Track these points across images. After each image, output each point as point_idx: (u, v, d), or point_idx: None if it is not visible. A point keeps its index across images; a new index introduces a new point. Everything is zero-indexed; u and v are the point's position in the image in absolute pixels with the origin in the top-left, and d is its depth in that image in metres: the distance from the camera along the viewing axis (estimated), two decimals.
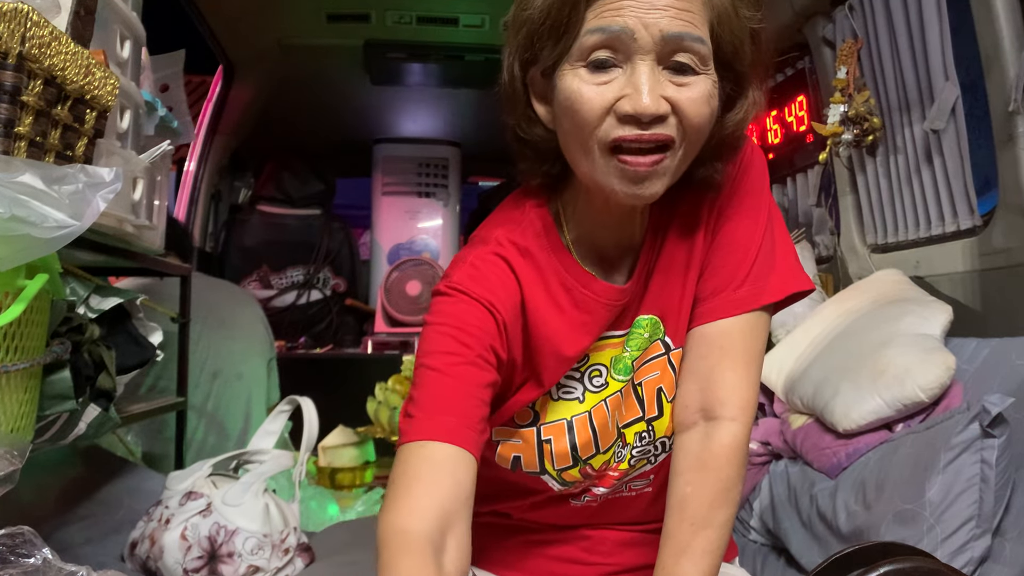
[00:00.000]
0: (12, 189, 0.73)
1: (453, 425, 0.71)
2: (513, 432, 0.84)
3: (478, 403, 0.73)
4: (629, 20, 0.68)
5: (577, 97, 0.71)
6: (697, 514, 0.75)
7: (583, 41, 0.70)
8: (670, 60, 0.69)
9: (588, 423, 0.83)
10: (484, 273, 0.78)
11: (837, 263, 2.08)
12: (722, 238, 0.83)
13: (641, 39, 0.68)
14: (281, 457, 1.48)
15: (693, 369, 0.83)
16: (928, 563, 0.79)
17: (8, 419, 0.87)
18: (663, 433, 0.86)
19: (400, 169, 3.91)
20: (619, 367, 0.85)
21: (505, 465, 0.85)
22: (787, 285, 0.82)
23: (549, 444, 0.82)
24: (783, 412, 1.65)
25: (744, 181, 0.83)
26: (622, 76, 0.70)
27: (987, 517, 1.09)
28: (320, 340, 3.65)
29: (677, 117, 0.70)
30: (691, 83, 0.70)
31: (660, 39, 0.68)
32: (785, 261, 0.83)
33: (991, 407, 1.10)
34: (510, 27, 0.77)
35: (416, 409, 0.72)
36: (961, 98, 1.56)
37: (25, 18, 0.84)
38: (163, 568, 1.31)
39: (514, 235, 0.82)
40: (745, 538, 1.60)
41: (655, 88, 0.69)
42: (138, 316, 1.42)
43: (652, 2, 0.68)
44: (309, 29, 2.73)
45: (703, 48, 0.70)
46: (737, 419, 0.79)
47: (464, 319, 0.75)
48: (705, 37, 0.70)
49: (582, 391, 0.84)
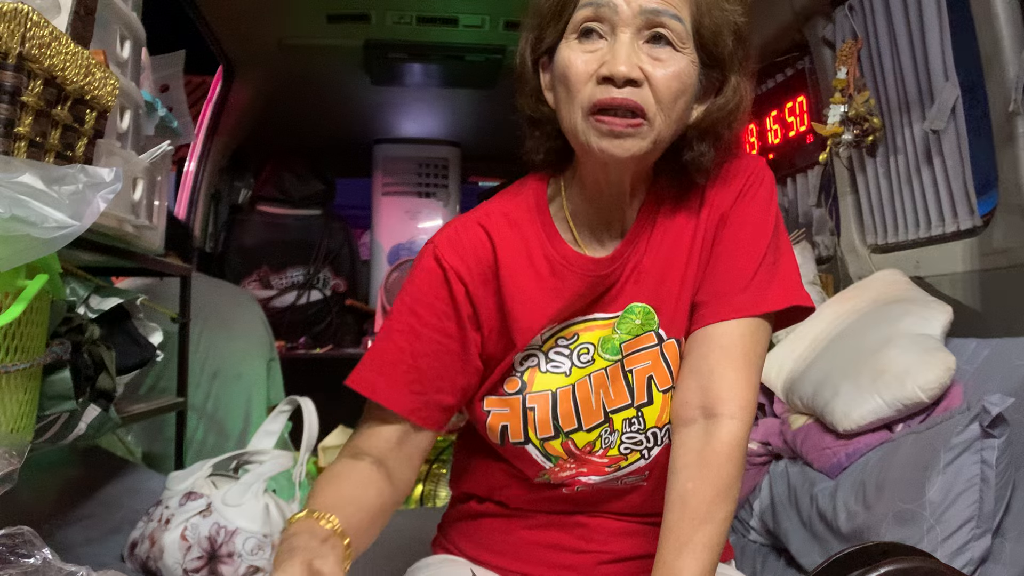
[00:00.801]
0: (12, 189, 0.73)
1: (381, 386, 0.87)
2: (502, 401, 0.90)
3: (409, 369, 0.87)
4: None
5: (568, 63, 0.80)
6: (698, 510, 0.77)
7: (576, 16, 0.81)
8: (649, 33, 0.79)
9: (571, 396, 0.88)
10: (462, 239, 0.89)
11: (837, 263, 2.08)
12: (727, 242, 0.87)
13: (622, 12, 0.78)
14: (281, 457, 1.48)
15: (694, 367, 0.85)
16: (928, 563, 0.79)
17: (8, 419, 0.87)
18: (654, 423, 0.89)
19: (400, 169, 3.91)
20: (607, 347, 0.89)
21: (495, 439, 0.90)
22: (788, 297, 0.85)
23: (533, 412, 0.88)
24: (783, 412, 1.65)
25: (752, 192, 0.88)
26: (606, 46, 0.79)
27: (987, 517, 1.09)
28: (320, 340, 3.65)
29: (650, 88, 0.78)
30: (666, 59, 0.79)
31: (639, 11, 0.78)
32: (787, 276, 0.87)
33: (991, 407, 1.10)
34: (525, 19, 0.88)
35: (364, 359, 0.90)
36: (961, 98, 1.56)
37: (25, 18, 0.84)
38: (163, 568, 1.31)
39: (507, 207, 0.91)
40: (745, 538, 1.60)
41: (631, 56, 0.78)
42: (138, 316, 1.42)
43: None
44: (309, 29, 2.72)
45: (679, 25, 0.79)
46: (737, 417, 0.80)
47: (422, 288, 0.88)
48: (683, 17, 0.79)
49: (569, 366, 0.89)
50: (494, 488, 0.97)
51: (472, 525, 1.00)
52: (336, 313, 3.74)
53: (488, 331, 0.89)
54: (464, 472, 1.01)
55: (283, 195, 3.73)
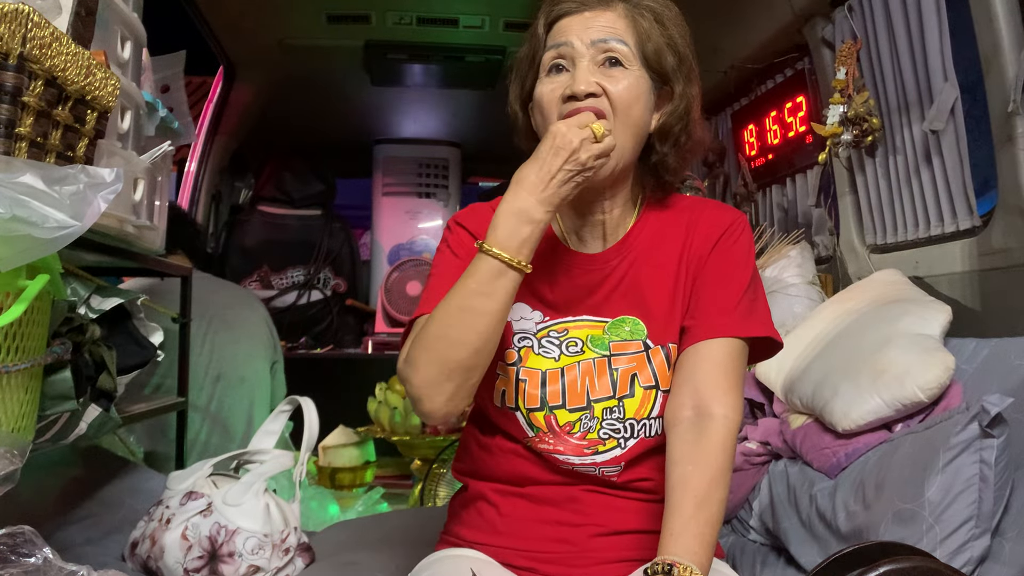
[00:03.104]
0: (13, 189, 0.74)
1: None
2: (503, 368, 1.01)
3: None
4: (571, 36, 0.96)
5: (541, 94, 0.97)
6: (699, 490, 0.85)
7: (544, 59, 0.98)
8: (603, 58, 0.95)
9: (560, 377, 0.99)
10: (476, 214, 1.05)
11: (837, 263, 2.08)
12: (712, 275, 0.99)
13: (578, 46, 0.96)
14: (281, 457, 1.48)
15: (687, 378, 0.95)
16: (927, 563, 0.79)
17: (9, 419, 0.87)
18: (632, 414, 0.99)
19: (400, 169, 3.91)
20: (596, 343, 1.01)
21: (497, 403, 1.01)
22: (766, 329, 0.98)
23: (524, 384, 1.00)
24: (783, 412, 1.65)
25: (734, 236, 1.01)
26: (569, 76, 0.96)
27: (986, 517, 1.09)
28: (320, 340, 3.65)
29: (607, 98, 0.94)
30: (619, 76, 0.95)
31: (590, 43, 0.95)
32: (764, 313, 0.99)
33: (990, 407, 1.10)
34: (511, 77, 1.05)
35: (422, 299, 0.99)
36: (960, 98, 1.56)
37: (26, 19, 0.84)
38: (164, 568, 1.31)
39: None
40: (744, 538, 1.60)
41: (587, 76, 0.94)
42: (139, 316, 1.42)
43: (587, 23, 0.96)
44: (309, 29, 2.73)
45: (623, 48, 0.96)
46: (728, 415, 0.90)
47: (457, 241, 1.03)
48: (628, 42, 0.96)
49: (558, 354, 1.01)
50: (491, 466, 1.04)
51: (471, 511, 1.06)
52: (336, 313, 3.75)
53: None
54: (465, 455, 1.10)
55: (283, 195, 3.73)
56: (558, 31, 0.98)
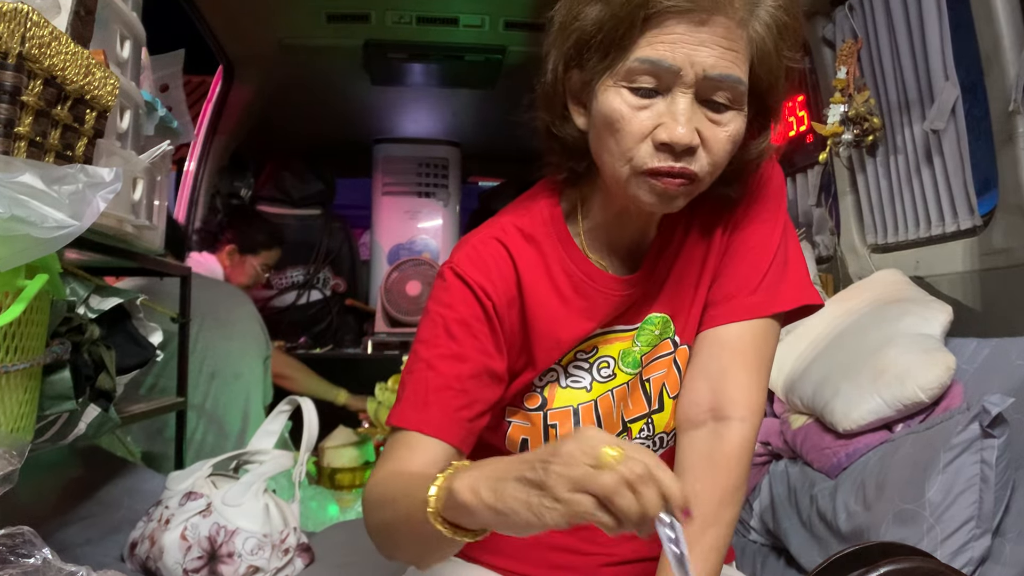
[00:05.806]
0: (12, 189, 0.73)
1: (432, 418, 0.79)
2: (523, 415, 0.88)
3: (457, 393, 0.80)
4: (678, 56, 0.71)
5: (618, 117, 0.74)
6: (706, 511, 0.77)
7: (631, 66, 0.73)
8: (708, 96, 0.73)
9: (594, 411, 0.87)
10: (482, 256, 0.84)
11: (837, 263, 2.08)
12: (738, 244, 0.87)
13: (685, 75, 0.72)
14: (281, 457, 1.48)
15: (704, 368, 0.85)
16: (928, 563, 0.79)
17: (8, 419, 0.87)
18: (662, 428, 0.90)
19: (400, 169, 3.91)
20: (628, 360, 0.88)
21: (514, 450, 0.88)
22: (799, 296, 0.85)
23: (555, 429, 0.87)
24: (783, 412, 1.65)
25: (762, 193, 0.87)
26: (661, 103, 0.73)
27: (987, 517, 1.09)
28: (320, 340, 3.65)
29: (705, 150, 0.74)
30: (723, 120, 0.74)
31: (703, 77, 0.72)
32: (797, 274, 0.87)
33: (991, 407, 1.10)
34: (558, 30, 0.79)
35: (404, 397, 0.82)
36: (961, 98, 1.56)
37: (25, 18, 0.84)
38: (163, 568, 1.31)
39: (521, 222, 0.87)
40: (745, 538, 1.60)
41: (691, 120, 0.72)
42: (138, 316, 1.41)
43: (701, 38, 0.71)
44: (309, 29, 2.73)
45: (741, 88, 0.74)
46: (747, 420, 0.81)
47: (456, 308, 0.82)
48: (744, 77, 0.74)
49: (589, 381, 0.88)
50: None
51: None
52: (336, 313, 3.74)
53: (509, 347, 0.86)
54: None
55: (283, 195, 3.73)
56: (660, 37, 0.72)
